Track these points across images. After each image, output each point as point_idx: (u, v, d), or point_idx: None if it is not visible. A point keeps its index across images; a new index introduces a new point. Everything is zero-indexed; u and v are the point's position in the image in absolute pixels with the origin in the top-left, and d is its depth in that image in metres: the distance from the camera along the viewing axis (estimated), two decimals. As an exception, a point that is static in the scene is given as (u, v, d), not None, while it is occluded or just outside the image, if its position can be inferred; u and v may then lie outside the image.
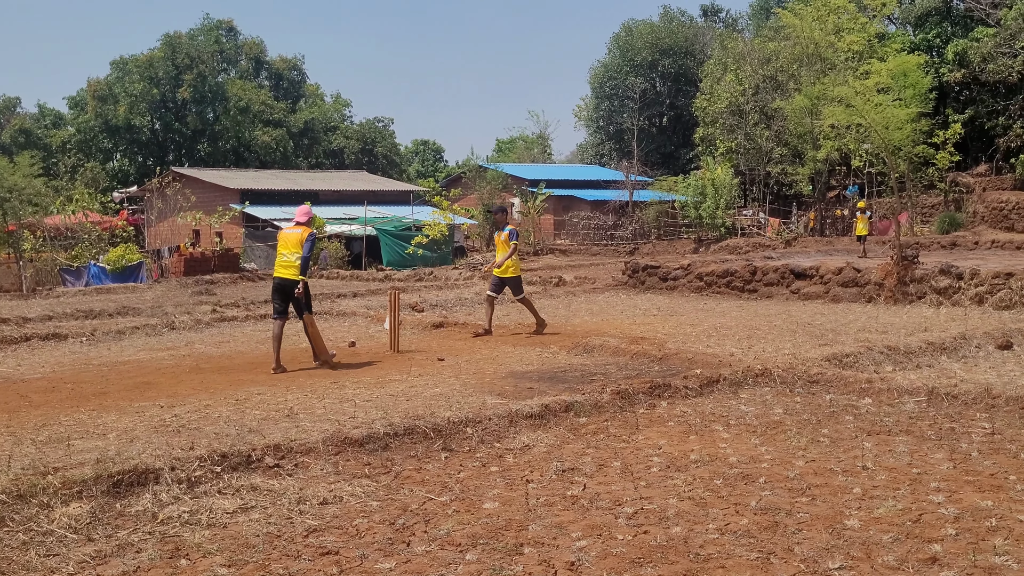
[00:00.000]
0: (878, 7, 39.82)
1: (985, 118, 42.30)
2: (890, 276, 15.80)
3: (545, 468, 5.90)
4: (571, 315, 15.32)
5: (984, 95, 42.32)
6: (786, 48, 41.13)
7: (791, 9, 40.88)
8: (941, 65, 41.76)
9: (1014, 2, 40.31)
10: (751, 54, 44.52)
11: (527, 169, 55.52)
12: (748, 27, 62.45)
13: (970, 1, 43.79)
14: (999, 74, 39.23)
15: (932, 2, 44.95)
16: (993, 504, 4.96)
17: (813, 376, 8.46)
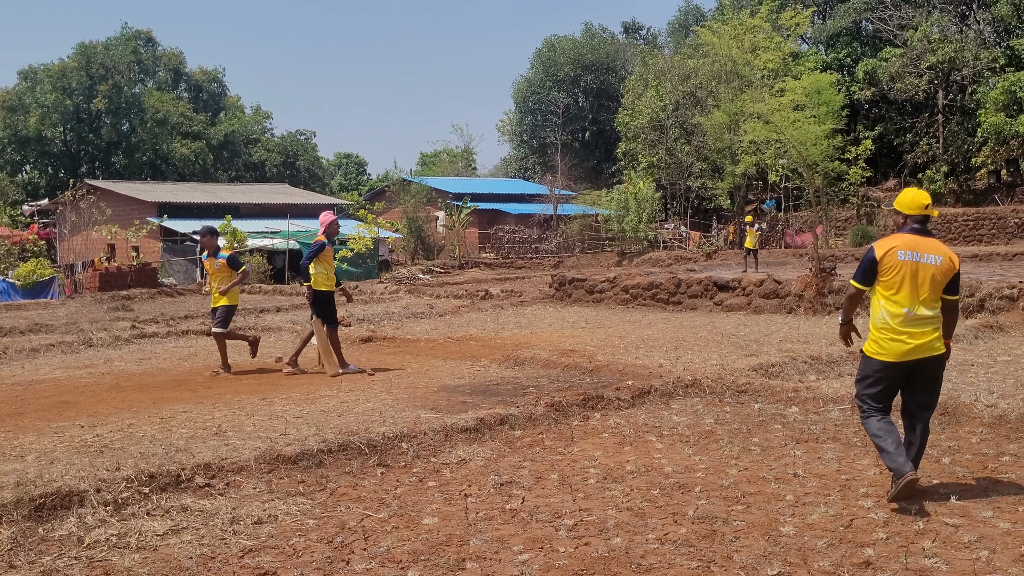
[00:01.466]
0: (792, 27, 41.07)
1: (894, 135, 43.95)
2: (809, 288, 16.23)
3: (483, 482, 5.87)
4: (500, 328, 15.32)
5: (892, 113, 43.99)
6: (705, 65, 42.10)
7: (709, 27, 41.88)
8: (852, 83, 43.23)
9: (919, 24, 42.00)
10: (671, 71, 45.43)
11: (452, 183, 55.55)
12: (668, 44, 63.72)
13: (878, 22, 45.46)
14: (906, 92, 40.80)
15: (843, 23, 46.57)
16: (919, 507, 5.11)
17: (741, 386, 8.62)
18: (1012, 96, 35.86)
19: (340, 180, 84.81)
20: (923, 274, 5.29)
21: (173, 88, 72.74)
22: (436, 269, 37.48)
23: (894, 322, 5.32)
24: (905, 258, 5.32)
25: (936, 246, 5.38)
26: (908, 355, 5.29)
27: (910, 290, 5.30)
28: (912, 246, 5.34)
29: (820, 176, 30.93)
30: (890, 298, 5.35)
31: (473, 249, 45.78)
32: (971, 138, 40.37)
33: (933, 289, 5.30)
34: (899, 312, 5.31)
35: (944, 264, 5.31)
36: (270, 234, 37.54)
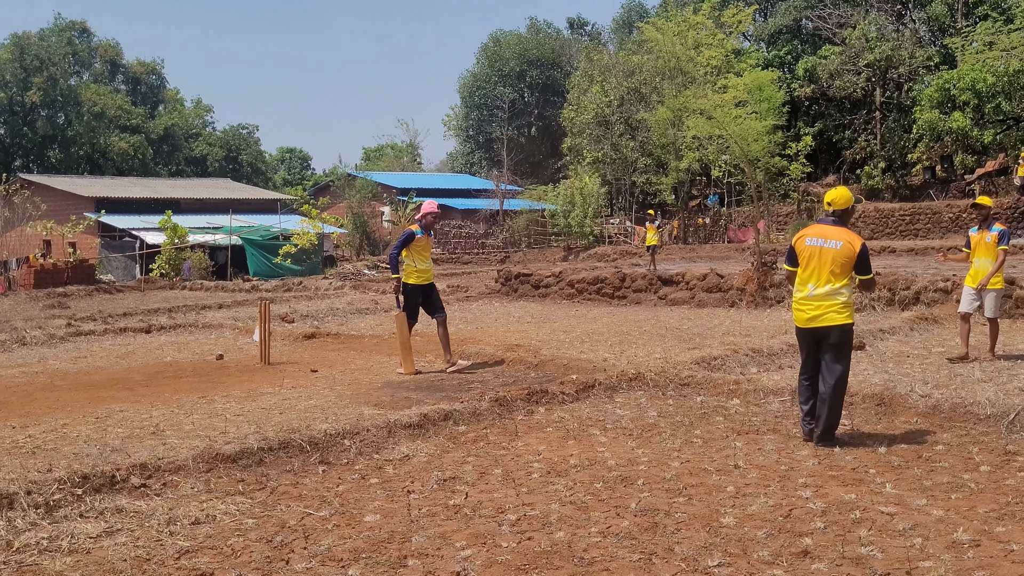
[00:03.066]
0: (734, 24, 41.58)
1: (833, 131, 44.74)
2: (751, 282, 16.45)
3: (426, 478, 5.83)
4: (445, 324, 15.25)
5: (832, 110, 44.77)
6: (649, 62, 42.42)
7: (653, 24, 42.21)
8: (793, 81, 43.89)
9: (857, 22, 42.81)
10: (616, 67, 45.69)
11: (397, 178, 55.23)
12: (612, 40, 64.04)
13: (818, 21, 46.23)
14: (845, 90, 41.56)
15: (783, 21, 47.27)
16: (856, 497, 5.21)
17: (684, 379, 8.70)
18: (946, 94, 36.68)
19: (284, 175, 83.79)
20: (824, 256, 6.38)
21: (110, 81, 71.13)
22: (381, 265, 37.20)
23: (800, 295, 6.54)
24: (812, 244, 6.48)
25: (840, 233, 6.42)
26: (809, 323, 6.47)
27: (813, 269, 6.42)
28: (819, 234, 6.49)
29: (761, 172, 31.41)
30: (800, 275, 6.54)
31: (419, 244, 45.49)
32: (907, 135, 41.24)
33: (834, 268, 6.34)
34: (804, 287, 6.50)
35: (844, 248, 6.34)
36: (212, 230, 36.95)
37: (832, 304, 6.36)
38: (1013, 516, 4.83)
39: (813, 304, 6.41)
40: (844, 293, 6.38)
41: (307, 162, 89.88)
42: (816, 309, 6.40)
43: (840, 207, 6.56)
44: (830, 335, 6.40)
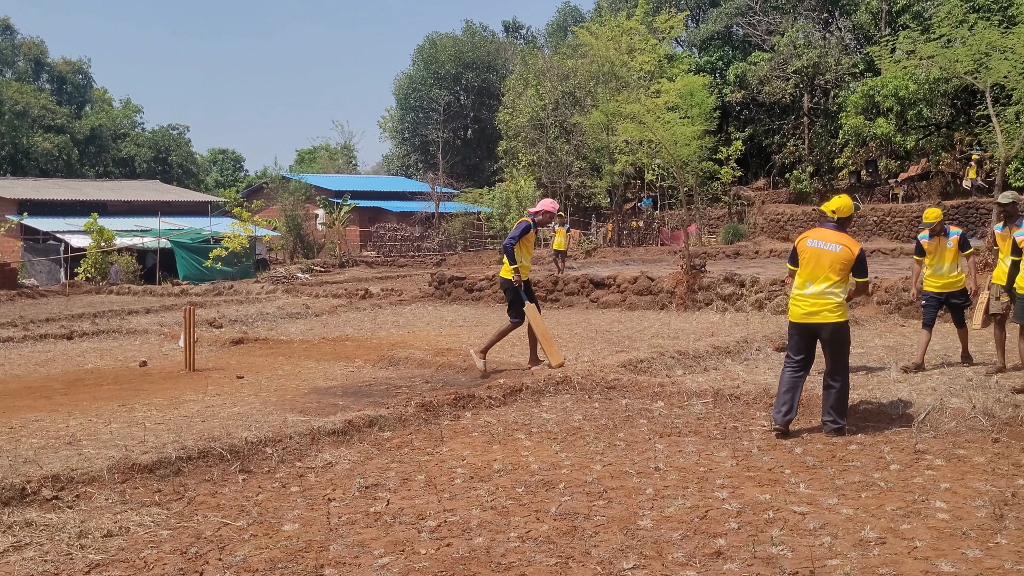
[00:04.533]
0: (667, 30, 42.14)
1: (763, 136, 45.64)
2: (680, 284, 16.68)
3: (348, 485, 5.80)
4: (377, 328, 15.18)
5: (762, 115, 45.67)
6: (583, 66, 42.74)
7: (587, 28, 42.55)
8: (724, 86, 44.64)
9: (786, 30, 43.74)
10: (551, 70, 45.94)
11: (332, 180, 54.73)
12: (548, 44, 64.39)
13: (748, 28, 47.12)
14: (774, 96, 42.42)
15: (715, 27, 48.07)
16: (771, 497, 5.32)
17: (610, 382, 8.78)
18: (870, 100, 37.68)
19: (216, 177, 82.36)
20: (824, 258, 6.86)
21: (34, 79, 69.15)
22: (316, 268, 36.82)
23: (798, 292, 6.98)
24: (813, 245, 6.96)
25: (840, 238, 6.92)
26: (804, 318, 6.91)
27: (813, 269, 6.88)
28: (820, 237, 6.99)
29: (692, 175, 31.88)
30: (800, 273, 6.99)
31: (354, 247, 45.21)
32: (834, 140, 42.26)
33: (832, 270, 6.81)
34: (804, 286, 6.94)
35: (843, 252, 6.84)
36: (140, 232, 36.17)
37: (827, 303, 6.83)
38: (919, 513, 4.98)
39: (810, 301, 6.88)
40: (839, 294, 6.86)
41: (240, 163, 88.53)
42: (812, 306, 6.87)
43: (843, 215, 7.06)
44: (823, 331, 6.89)
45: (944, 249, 9.41)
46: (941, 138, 38.48)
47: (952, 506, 5.08)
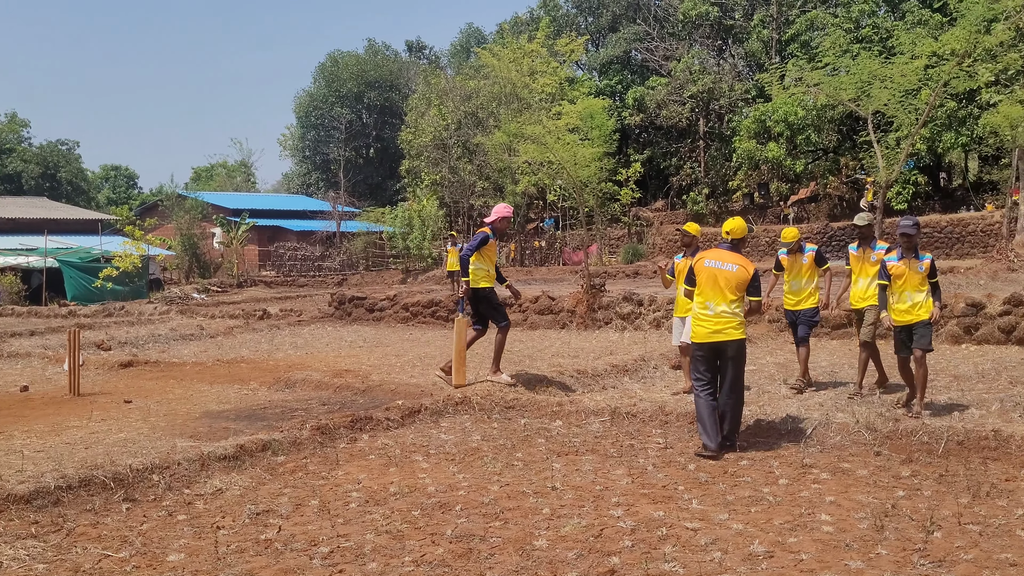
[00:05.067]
0: (567, 53, 42.75)
1: (661, 159, 46.69)
2: (581, 304, 16.87)
3: (238, 512, 5.63)
4: (274, 349, 14.87)
5: (660, 138, 46.74)
6: (486, 87, 42.99)
7: (490, 50, 42.84)
8: (623, 109, 45.54)
9: (682, 56, 44.97)
10: (453, 91, 46.04)
11: (230, 198, 53.58)
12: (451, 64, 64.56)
13: (646, 53, 48.26)
14: (671, 119, 43.49)
15: (614, 52, 49.07)
16: (664, 514, 5.39)
17: (509, 402, 8.79)
18: (762, 125, 38.98)
19: (108, 194, 79.63)
20: (721, 277, 7.03)
21: (-90, 90, 65.71)
22: (212, 288, 35.92)
23: (701, 311, 7.08)
24: (710, 265, 7.13)
25: (735, 258, 7.14)
26: (709, 337, 7.00)
27: (711, 289, 7.04)
28: (717, 257, 7.17)
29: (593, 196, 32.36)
30: (700, 293, 7.13)
31: (253, 267, 44.30)
32: (728, 163, 43.53)
33: (729, 289, 6.97)
34: (705, 306, 7.07)
35: (739, 271, 7.04)
36: (26, 251, 34.61)
37: (730, 321, 7.00)
38: (805, 527, 5.12)
39: (713, 320, 7.02)
40: (739, 312, 7.07)
41: (134, 181, 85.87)
42: (716, 324, 7.00)
43: (737, 236, 7.34)
44: (728, 349, 7.01)
45: (800, 265, 9.53)
46: (828, 162, 40.07)
47: (837, 519, 5.24)
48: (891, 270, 8.10)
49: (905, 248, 8.07)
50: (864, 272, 9.12)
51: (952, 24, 22.51)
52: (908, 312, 7.97)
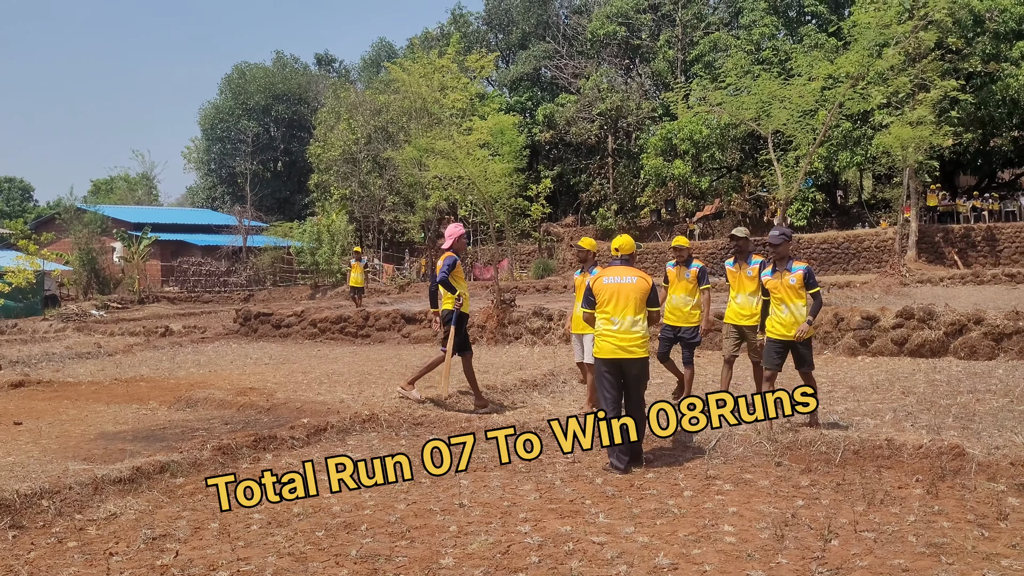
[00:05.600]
0: (478, 69, 42.94)
1: (571, 175, 47.27)
2: (491, 319, 16.87)
3: (133, 537, 5.42)
4: (176, 367, 14.44)
5: (569, 154, 47.34)
6: (396, 101, 42.82)
7: (400, 64, 42.72)
8: (533, 125, 45.98)
9: (591, 74, 45.65)
10: (363, 105, 45.74)
11: (131, 211, 52.05)
12: (361, 78, 64.13)
13: (555, 70, 48.83)
14: (581, 136, 44.11)
15: (524, 69, 49.52)
16: (572, 529, 5.40)
17: (417, 419, 8.71)
18: (668, 143, 39.88)
19: (1, 206, 76.42)
20: (623, 292, 7.03)
21: None
22: (112, 305, 34.73)
23: (606, 328, 7.03)
24: (611, 282, 7.10)
25: (632, 272, 7.17)
26: (614, 353, 6.96)
27: (616, 305, 7.00)
28: (615, 273, 7.16)
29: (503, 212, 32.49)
30: (603, 311, 7.06)
31: (155, 283, 43.06)
32: (636, 179, 44.34)
33: (633, 302, 6.99)
34: (610, 322, 7.01)
35: (639, 283, 7.08)
36: (-93, 267, 32.89)
37: (635, 337, 6.97)
38: (709, 538, 5.19)
39: (619, 337, 6.96)
40: (645, 328, 7.05)
41: (29, 193, 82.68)
42: (622, 341, 6.95)
43: (626, 251, 7.36)
44: (632, 368, 7.00)
45: (682, 280, 9.25)
46: (732, 180, 41.18)
47: (739, 529, 5.33)
48: (766, 284, 8.10)
49: (775, 260, 8.03)
50: (742, 287, 8.88)
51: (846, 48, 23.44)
52: (793, 326, 7.86)
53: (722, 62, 36.97)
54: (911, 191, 32.06)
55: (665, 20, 46.38)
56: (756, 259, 8.89)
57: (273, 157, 61.66)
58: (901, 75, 24.34)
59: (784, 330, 7.92)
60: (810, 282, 7.92)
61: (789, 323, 7.89)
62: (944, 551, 4.83)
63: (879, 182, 42.51)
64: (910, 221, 32.48)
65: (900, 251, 29.01)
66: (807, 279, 7.92)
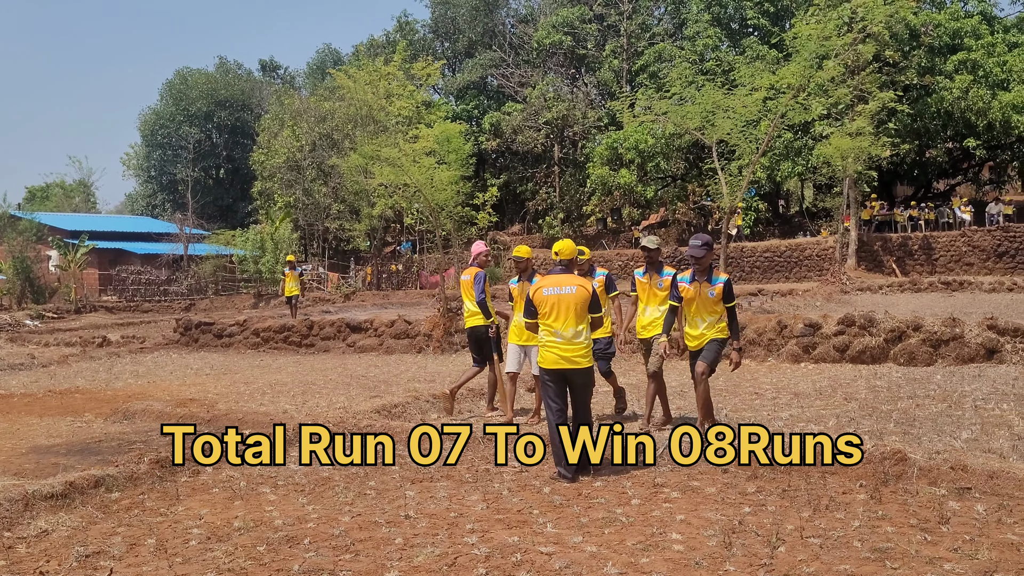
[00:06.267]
0: (424, 77, 42.80)
1: (517, 183, 47.38)
2: (438, 328, 16.77)
3: (65, 555, 5.21)
4: (113, 378, 14.07)
5: (516, 163, 47.45)
6: (341, 108, 42.49)
7: (345, 71, 42.42)
8: (480, 134, 45.98)
9: (536, 83, 45.82)
10: (307, 112, 45.30)
11: (68, 219, 50.83)
12: (306, 85, 63.56)
13: (502, 79, 48.92)
14: (527, 145, 44.23)
15: (470, 77, 49.54)
16: (519, 539, 5.33)
17: (363, 428, 8.57)
18: (614, 152, 40.16)
19: (-70, 214, 74.03)
20: (564, 302, 6.88)
21: None
22: (48, 315, 33.83)
23: (550, 339, 6.90)
24: (551, 293, 6.93)
25: (572, 280, 7.01)
26: (557, 364, 6.87)
27: (558, 315, 6.86)
28: (555, 283, 6.98)
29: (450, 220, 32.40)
30: (546, 322, 6.92)
31: (93, 292, 42.02)
32: (582, 188, 44.58)
33: (574, 311, 6.85)
34: (552, 333, 6.89)
35: (579, 292, 6.92)
36: None
37: (578, 347, 6.86)
38: (657, 546, 5.16)
39: (562, 347, 6.84)
40: (587, 338, 6.93)
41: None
42: (565, 352, 6.84)
43: (566, 257, 7.24)
44: (576, 378, 6.92)
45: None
46: (677, 189, 41.60)
47: (687, 537, 5.31)
48: (682, 291, 7.77)
49: (697, 270, 7.70)
50: (652, 299, 8.57)
51: (788, 60, 23.84)
52: (701, 338, 7.70)
53: (667, 72, 37.38)
54: (851, 200, 32.71)
55: (610, 30, 46.78)
56: (668, 271, 8.57)
57: (215, 164, 60.79)
58: (841, 87, 24.83)
59: (696, 342, 7.75)
60: (729, 295, 7.70)
61: (698, 335, 7.73)
62: (889, 556, 4.86)
63: (820, 192, 43.32)
64: (850, 230, 33.11)
65: (841, 259, 29.57)
66: (728, 292, 7.70)
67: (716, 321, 7.68)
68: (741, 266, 35.64)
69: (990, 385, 10.15)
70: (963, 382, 10.48)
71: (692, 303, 7.72)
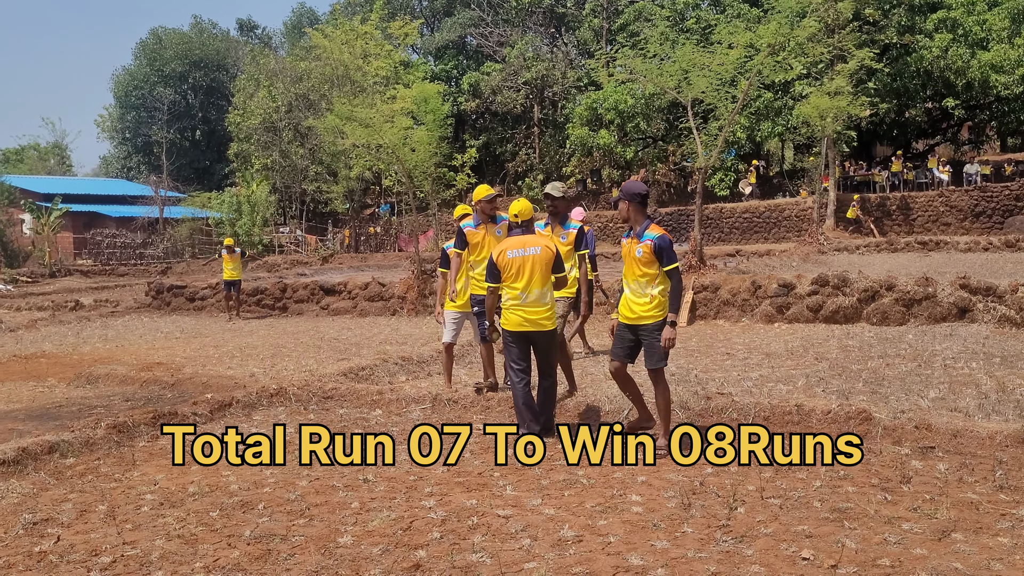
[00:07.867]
0: (401, 36, 42.25)
1: (497, 144, 46.99)
2: (411, 290, 16.64)
3: (12, 523, 5.10)
4: (81, 343, 13.89)
5: (495, 124, 47.03)
6: (318, 68, 41.93)
7: (321, 31, 41.78)
8: (458, 94, 45.46)
9: (516, 42, 45.29)
10: (283, 72, 44.67)
11: (41, 182, 50.16)
12: (283, 45, 62.63)
13: (480, 38, 48.32)
14: (506, 105, 43.80)
15: (449, 36, 48.89)
16: (477, 502, 5.25)
17: (328, 392, 8.46)
18: (594, 112, 39.82)
19: (-99, 177, 72.93)
20: (529, 263, 6.73)
21: None
22: (21, 279, 33.48)
23: (513, 302, 6.76)
24: (516, 255, 6.77)
25: (535, 240, 6.86)
26: (521, 326, 6.75)
27: (524, 277, 6.71)
28: (519, 244, 6.82)
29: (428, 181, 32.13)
30: (510, 285, 6.76)
31: (68, 256, 41.60)
32: (562, 149, 44.28)
33: (539, 272, 6.73)
34: (516, 295, 6.74)
35: (544, 252, 6.79)
36: None
37: (542, 309, 6.75)
38: (615, 508, 5.09)
39: (527, 310, 6.72)
40: (551, 298, 6.83)
41: (-69, 163, 78.98)
42: (530, 314, 6.73)
43: (525, 217, 6.97)
44: (539, 340, 6.82)
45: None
46: (657, 150, 41.36)
47: (646, 499, 5.25)
48: (622, 248, 6.64)
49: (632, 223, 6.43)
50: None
51: (767, 17, 23.57)
52: (627, 307, 6.38)
53: (647, 31, 36.98)
54: (830, 161, 32.63)
55: (590, -12, 46.21)
56: (573, 223, 8.19)
57: (191, 125, 59.97)
58: (819, 45, 24.61)
59: (624, 311, 6.40)
60: (662, 256, 6.13)
61: (624, 303, 6.41)
62: (847, 516, 4.82)
63: (799, 152, 43.22)
64: (828, 191, 33.07)
65: (819, 220, 29.53)
66: (658, 251, 6.13)
67: (649, 291, 6.20)
68: (720, 227, 35.59)
69: (960, 344, 10.15)
70: (934, 341, 10.48)
71: (625, 263, 6.49)
